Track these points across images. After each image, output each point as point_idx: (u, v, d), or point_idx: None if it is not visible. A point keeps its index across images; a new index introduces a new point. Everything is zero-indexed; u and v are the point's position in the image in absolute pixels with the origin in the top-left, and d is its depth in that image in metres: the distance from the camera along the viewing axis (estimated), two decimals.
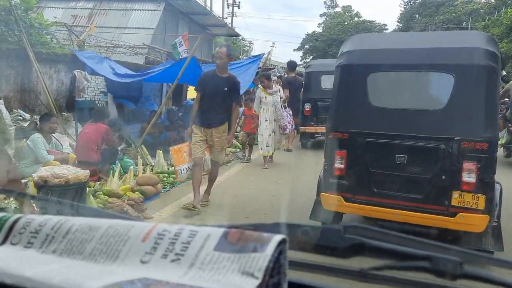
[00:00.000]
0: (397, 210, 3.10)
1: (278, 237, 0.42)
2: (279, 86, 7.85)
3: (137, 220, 0.52)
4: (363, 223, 3.49)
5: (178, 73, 6.11)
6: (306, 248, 0.52)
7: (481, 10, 37.71)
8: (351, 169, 3.23)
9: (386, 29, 48.30)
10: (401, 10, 49.49)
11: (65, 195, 3.20)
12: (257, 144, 7.21)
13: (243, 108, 9.47)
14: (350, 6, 51.71)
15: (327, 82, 7.78)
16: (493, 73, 3.00)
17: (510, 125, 7.25)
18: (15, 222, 0.51)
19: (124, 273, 0.42)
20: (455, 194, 3.00)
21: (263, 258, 0.40)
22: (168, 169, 5.78)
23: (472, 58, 3.02)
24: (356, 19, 50.03)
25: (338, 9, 52.77)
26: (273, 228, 0.51)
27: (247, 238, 0.43)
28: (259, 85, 8.25)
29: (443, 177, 3.03)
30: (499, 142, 6.49)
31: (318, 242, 0.52)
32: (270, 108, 6.90)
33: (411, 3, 49.12)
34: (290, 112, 7.27)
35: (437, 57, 3.14)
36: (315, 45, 44.09)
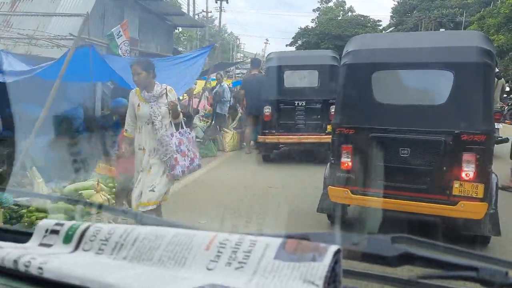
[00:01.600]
0: (402, 201, 3.37)
1: (334, 248, 0.46)
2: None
3: (198, 229, 0.55)
4: (366, 214, 3.78)
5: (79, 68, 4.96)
6: (357, 257, 0.55)
7: (472, 3, 38.18)
8: (357, 163, 3.48)
9: (380, 25, 48.91)
10: (394, 4, 50.13)
11: None
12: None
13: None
14: (343, 1, 52.21)
15: (292, 79, 7.11)
16: (490, 70, 3.30)
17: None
18: (85, 230, 0.56)
19: (194, 279, 0.46)
20: (456, 184, 3.29)
21: (322, 267, 0.44)
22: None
23: (471, 56, 3.32)
24: (349, 14, 50.51)
25: (331, 4, 53.22)
26: (326, 237, 0.54)
27: (304, 248, 0.47)
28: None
29: (445, 168, 3.32)
30: None
31: (368, 251, 0.54)
32: (145, 127, 3.46)
33: None
34: (192, 135, 3.66)
35: (438, 56, 3.42)
36: (308, 40, 44.44)
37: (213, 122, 9.29)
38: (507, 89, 11.74)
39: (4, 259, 0.51)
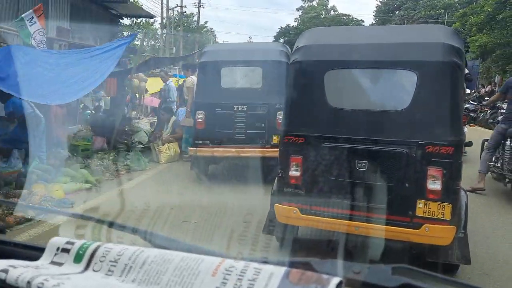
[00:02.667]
0: (359, 223, 2.94)
1: (336, 280, 0.49)
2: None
3: (206, 254, 0.57)
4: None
5: None
6: (357, 286, 0.56)
7: (456, 3, 38.67)
8: (308, 176, 3.04)
9: (363, 24, 49.23)
10: (377, 4, 50.50)
11: None
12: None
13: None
14: (326, 0, 52.56)
15: (230, 78, 5.90)
16: (458, 70, 2.88)
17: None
18: (95, 250, 0.59)
19: None
20: (420, 204, 2.87)
21: None
22: None
23: (436, 54, 2.89)
24: (332, 13, 50.81)
25: (314, 3, 53.59)
26: (328, 266, 0.56)
27: (307, 279, 0.49)
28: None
29: (407, 184, 2.89)
30: None
31: (369, 281, 0.56)
32: None
33: None
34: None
35: (399, 53, 2.99)
36: (289, 39, 44.48)
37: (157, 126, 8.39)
38: (468, 91, 11.65)
39: (18, 280, 0.54)
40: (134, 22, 16.96)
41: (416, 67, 2.89)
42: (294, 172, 3.04)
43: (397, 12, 44.83)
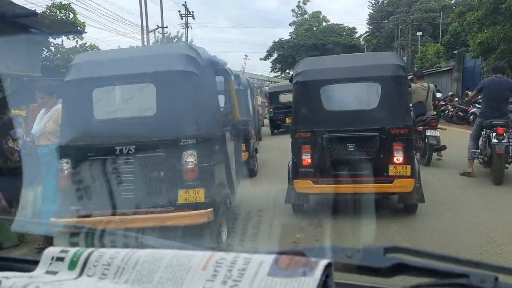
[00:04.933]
0: (353, 185, 4.67)
1: (324, 262, 0.52)
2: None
3: (196, 249, 0.62)
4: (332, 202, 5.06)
5: None
6: (350, 270, 0.61)
7: (451, 5, 39.92)
8: (315, 158, 4.80)
9: (356, 32, 51.23)
10: (369, 12, 52.84)
11: None
12: None
13: None
14: (319, 12, 54.78)
15: (107, 102, 4.00)
16: (405, 81, 4.75)
17: (414, 126, 7.00)
18: (88, 255, 0.62)
19: None
20: (391, 167, 4.62)
21: (312, 282, 0.50)
22: None
23: (391, 71, 4.72)
24: (324, 23, 52.98)
25: (306, 16, 55.73)
26: (319, 252, 0.61)
27: (296, 264, 0.52)
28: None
29: (381, 156, 4.65)
30: None
31: (361, 264, 0.61)
32: None
33: (379, 3, 52.45)
34: None
35: (368, 72, 4.81)
36: (282, 53, 46.44)
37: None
38: (438, 95, 12.30)
39: None
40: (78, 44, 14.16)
41: (379, 80, 4.70)
42: (305, 156, 4.79)
43: (391, 18, 46.92)
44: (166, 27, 29.84)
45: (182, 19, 37.56)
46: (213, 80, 4.55)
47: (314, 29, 51.34)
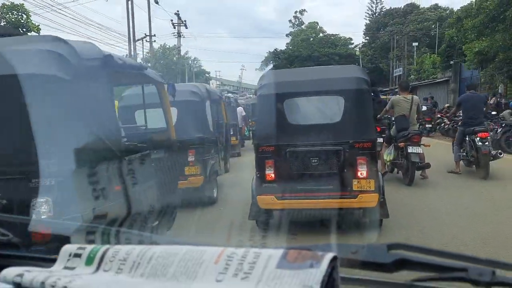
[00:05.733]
0: (316, 200, 4.66)
1: (330, 255, 0.55)
2: None
3: (208, 246, 0.64)
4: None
5: None
6: (355, 265, 0.65)
7: (448, 16, 40.36)
8: (279, 173, 4.77)
9: (352, 43, 51.90)
10: (366, 23, 53.58)
11: None
12: None
13: None
14: (316, 22, 55.55)
15: None
16: (368, 94, 4.74)
17: (395, 142, 7.71)
18: (105, 252, 0.66)
19: None
20: (355, 182, 4.60)
21: (319, 273, 0.53)
22: None
23: (354, 84, 4.74)
24: (321, 34, 53.65)
25: (303, 27, 56.54)
26: (325, 248, 0.63)
27: (303, 257, 0.56)
28: None
29: (345, 170, 4.64)
30: (387, 158, 7.88)
31: (365, 259, 0.65)
32: None
33: (376, 14, 53.22)
34: None
35: (331, 85, 4.82)
36: (278, 64, 46.98)
37: None
38: (424, 108, 11.79)
39: (33, 282, 0.61)
40: None
41: (342, 93, 4.72)
42: (268, 171, 4.78)
43: (386, 28, 47.51)
44: (154, 35, 29.89)
45: (174, 28, 37.97)
46: None
47: (311, 39, 51.94)
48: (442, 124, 17.05)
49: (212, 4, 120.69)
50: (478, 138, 7.67)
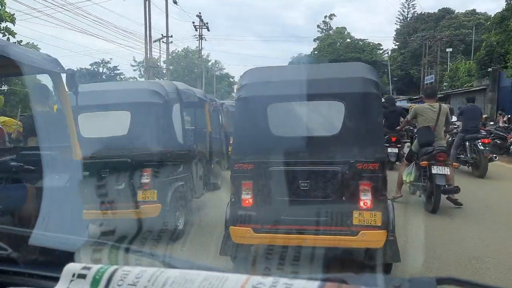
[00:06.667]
0: (305, 235, 3.64)
1: None
2: None
3: (230, 272, 0.57)
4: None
5: None
6: None
7: (485, 21, 38.73)
8: (258, 199, 3.77)
9: (381, 49, 50.60)
10: (396, 28, 52.17)
11: None
12: None
13: None
14: (344, 28, 54.76)
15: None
16: (377, 99, 3.69)
17: (417, 160, 6.61)
18: (112, 274, 0.59)
19: None
20: (355, 214, 3.56)
21: None
22: None
23: (359, 86, 3.70)
24: (348, 40, 52.71)
25: (331, 32, 56.04)
26: (365, 280, 0.56)
27: None
28: None
29: (343, 198, 3.61)
30: (407, 179, 6.68)
31: None
32: None
33: (407, 19, 51.74)
34: None
35: (329, 87, 3.80)
36: None
37: None
38: (453, 119, 11.47)
39: None
40: None
41: (343, 98, 3.69)
42: (246, 196, 3.79)
43: (418, 34, 45.96)
44: (171, 36, 29.53)
45: (196, 30, 37.83)
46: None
47: (338, 44, 51.06)
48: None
49: (241, 10, 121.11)
50: (480, 143, 9.26)
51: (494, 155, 9.44)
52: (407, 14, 54.73)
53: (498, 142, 13.99)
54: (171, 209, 4.97)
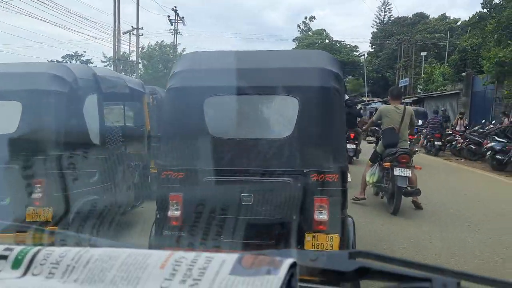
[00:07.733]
0: None
1: (289, 261, 0.52)
2: None
3: (154, 249, 0.57)
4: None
5: None
6: (314, 273, 0.62)
7: (458, 27, 39.86)
8: (190, 216, 3.05)
9: (357, 50, 51.15)
10: (373, 31, 52.81)
11: None
12: None
13: None
14: (323, 29, 55.23)
15: None
16: (339, 95, 3.01)
17: (381, 160, 6.51)
18: (35, 254, 0.59)
19: None
20: (308, 237, 2.90)
21: (276, 280, 0.49)
22: None
23: (317, 79, 3.03)
24: (326, 41, 53.06)
25: (310, 33, 56.48)
26: (283, 254, 0.58)
27: (260, 262, 0.51)
28: None
29: (294, 217, 2.92)
30: (370, 180, 6.54)
31: (325, 267, 0.62)
32: None
33: (384, 22, 52.49)
34: None
35: (281, 79, 3.09)
36: None
37: None
38: (419, 123, 11.98)
39: None
40: None
41: (297, 93, 3.01)
42: (174, 212, 3.06)
43: (394, 37, 46.54)
44: (142, 28, 28.65)
45: (171, 24, 37.01)
46: None
47: (316, 45, 51.45)
48: (454, 142, 15.16)
49: (222, 9, 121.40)
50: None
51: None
52: (384, 18, 55.50)
53: (473, 147, 13.80)
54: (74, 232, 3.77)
